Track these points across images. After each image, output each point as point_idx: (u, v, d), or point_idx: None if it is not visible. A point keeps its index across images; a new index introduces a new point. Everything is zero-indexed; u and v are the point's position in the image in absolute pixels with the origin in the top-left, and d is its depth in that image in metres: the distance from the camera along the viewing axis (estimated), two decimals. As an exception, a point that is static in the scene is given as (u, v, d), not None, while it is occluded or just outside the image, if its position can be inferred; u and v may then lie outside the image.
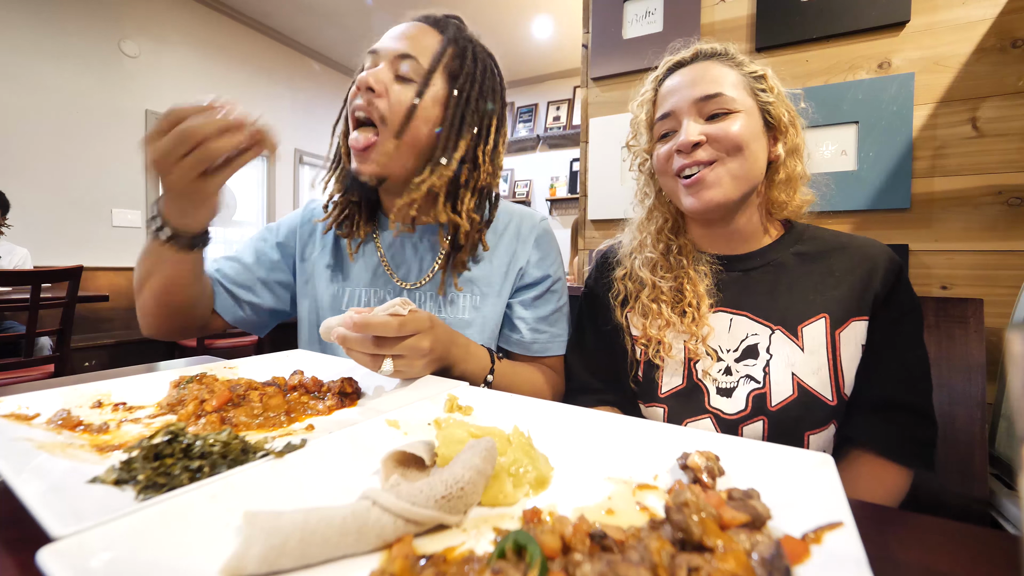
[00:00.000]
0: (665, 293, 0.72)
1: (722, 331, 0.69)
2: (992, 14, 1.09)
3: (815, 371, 0.64)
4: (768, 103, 0.67)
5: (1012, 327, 0.19)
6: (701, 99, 0.66)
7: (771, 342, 0.66)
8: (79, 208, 3.26)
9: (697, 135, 0.65)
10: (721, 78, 0.67)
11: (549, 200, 4.95)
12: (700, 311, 0.69)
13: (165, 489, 0.31)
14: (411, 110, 0.72)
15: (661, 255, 0.74)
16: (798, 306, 0.66)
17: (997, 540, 0.32)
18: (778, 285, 0.69)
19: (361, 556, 0.26)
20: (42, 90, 3.06)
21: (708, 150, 0.65)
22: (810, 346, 0.64)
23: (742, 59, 0.70)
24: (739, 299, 0.70)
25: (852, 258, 0.67)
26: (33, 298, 1.87)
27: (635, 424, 0.44)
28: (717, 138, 0.65)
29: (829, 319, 0.64)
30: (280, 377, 0.58)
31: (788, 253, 0.70)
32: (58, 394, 0.49)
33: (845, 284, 0.65)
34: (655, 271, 0.74)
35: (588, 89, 1.64)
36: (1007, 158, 1.08)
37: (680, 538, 0.26)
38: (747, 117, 0.66)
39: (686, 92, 0.68)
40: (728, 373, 0.68)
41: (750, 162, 0.65)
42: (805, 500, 0.31)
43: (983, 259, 1.09)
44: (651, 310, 0.73)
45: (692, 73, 0.69)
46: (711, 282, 0.71)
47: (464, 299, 0.82)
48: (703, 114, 0.67)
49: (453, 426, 0.39)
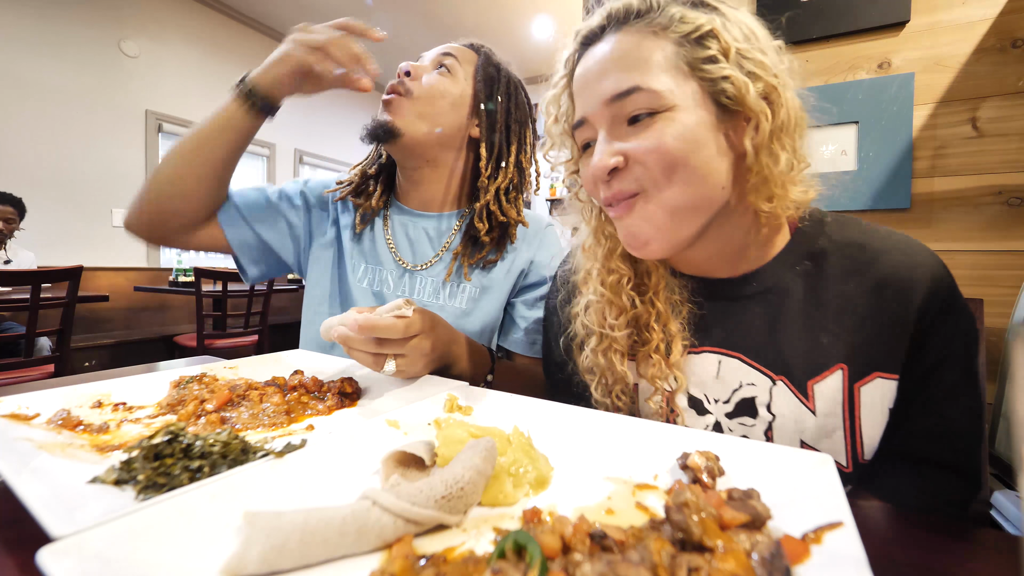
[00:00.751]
0: (619, 342, 0.56)
1: (708, 376, 0.54)
2: (992, 14, 1.09)
3: (828, 435, 0.50)
4: (721, 78, 0.45)
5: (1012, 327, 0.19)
6: (613, 99, 0.47)
7: (772, 397, 0.51)
8: (79, 208, 3.26)
9: (611, 158, 0.47)
10: (640, 59, 0.46)
11: (549, 200, 4.95)
12: (670, 358, 0.53)
13: (165, 489, 0.31)
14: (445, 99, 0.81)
15: (612, 292, 0.56)
16: (807, 351, 0.50)
17: (997, 540, 0.32)
18: (779, 319, 0.51)
19: (361, 556, 0.26)
20: (42, 90, 3.06)
21: (629, 177, 0.47)
22: (823, 408, 0.49)
23: (674, 13, 0.47)
24: (729, 336, 0.54)
25: (880, 285, 0.48)
26: (33, 298, 1.87)
27: (635, 424, 0.44)
28: (638, 158, 0.46)
29: (847, 371, 0.49)
30: (280, 377, 0.58)
31: (793, 273, 0.52)
32: (58, 394, 0.49)
33: (870, 323, 0.48)
34: (603, 317, 0.57)
35: (588, 89, 1.64)
36: (1007, 158, 1.08)
37: (680, 538, 0.26)
38: (683, 114, 0.45)
39: (596, 88, 0.48)
40: (719, 430, 0.53)
41: (695, 182, 0.46)
42: (805, 500, 0.31)
43: (983, 259, 1.10)
44: (598, 365, 0.57)
45: (602, 54, 0.49)
46: (687, 315, 0.55)
47: (464, 290, 0.84)
48: (621, 118, 0.47)
49: (453, 426, 0.39)
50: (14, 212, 2.61)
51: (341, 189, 0.89)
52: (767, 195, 0.47)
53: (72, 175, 3.22)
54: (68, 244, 3.22)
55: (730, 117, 0.47)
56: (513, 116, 0.85)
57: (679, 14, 0.47)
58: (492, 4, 3.96)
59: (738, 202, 0.50)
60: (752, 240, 0.53)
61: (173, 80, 3.75)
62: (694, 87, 0.46)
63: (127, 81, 3.48)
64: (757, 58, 0.46)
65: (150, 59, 3.61)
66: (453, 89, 0.81)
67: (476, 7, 3.99)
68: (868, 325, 0.48)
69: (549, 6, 3.95)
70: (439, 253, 0.85)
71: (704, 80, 0.46)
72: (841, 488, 0.31)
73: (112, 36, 3.41)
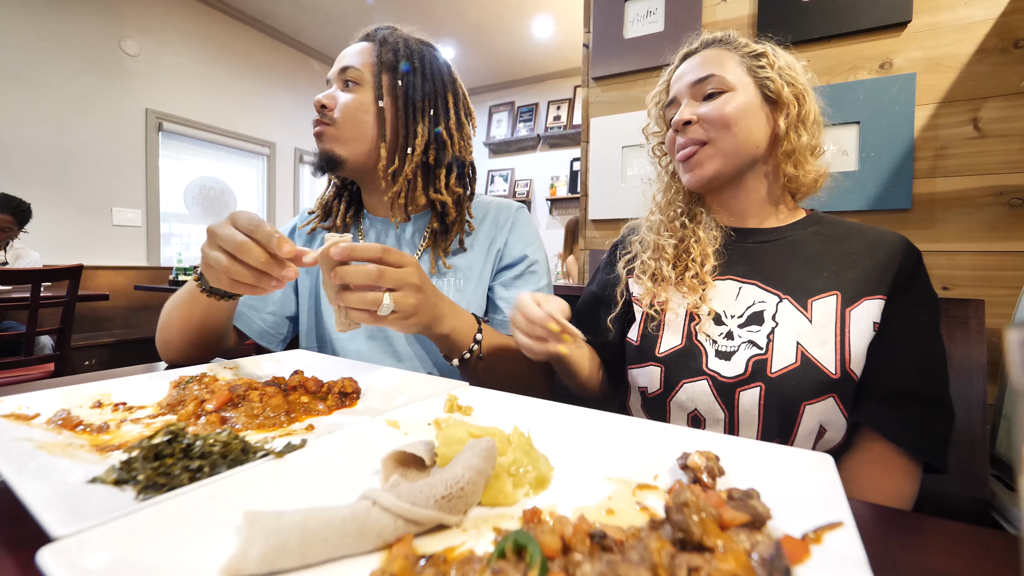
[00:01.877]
0: (667, 251, 0.74)
1: (728, 298, 0.70)
2: (994, 14, 1.09)
3: (821, 343, 0.63)
4: (767, 79, 0.69)
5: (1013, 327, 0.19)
6: (696, 82, 0.71)
7: (778, 310, 0.66)
8: (79, 207, 3.26)
9: (688, 115, 0.70)
10: (718, 61, 0.70)
11: (549, 200, 4.95)
12: (704, 268, 0.70)
13: (165, 489, 0.31)
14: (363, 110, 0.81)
15: (668, 219, 0.77)
16: (810, 280, 0.66)
17: (997, 540, 0.32)
18: (792, 258, 0.69)
19: (361, 556, 0.26)
20: (42, 89, 3.06)
21: (700, 129, 0.70)
22: (818, 319, 0.64)
23: (744, 41, 0.73)
24: (750, 269, 0.70)
25: (871, 243, 0.67)
26: (33, 297, 1.87)
27: (635, 424, 0.44)
28: (707, 118, 0.69)
29: (841, 297, 0.64)
30: (280, 377, 0.58)
31: (807, 231, 0.71)
32: (58, 394, 0.49)
33: (861, 266, 0.65)
34: (659, 232, 0.77)
35: (589, 89, 1.64)
36: (1008, 159, 1.08)
37: (680, 538, 0.26)
38: (740, 94, 0.68)
39: (686, 77, 0.72)
40: (730, 338, 0.67)
41: (742, 137, 0.68)
42: (805, 500, 0.31)
43: (984, 260, 1.09)
44: (650, 267, 0.75)
45: (695, 61, 0.73)
46: (720, 245, 0.73)
47: (448, 283, 0.85)
48: (699, 96, 0.71)
49: (453, 426, 0.39)
50: (12, 220, 2.60)
51: (311, 222, 0.92)
52: (794, 161, 0.70)
53: (72, 173, 3.21)
54: (68, 243, 3.22)
55: (771, 103, 0.70)
56: (420, 91, 0.83)
57: (745, 42, 0.73)
58: (492, 4, 3.96)
59: (770, 163, 0.72)
60: (776, 202, 0.74)
61: (174, 79, 3.75)
62: (748, 80, 0.70)
63: (127, 80, 3.48)
64: (790, 74, 0.70)
65: (150, 58, 3.61)
66: (366, 99, 0.81)
67: (476, 7, 3.99)
68: (860, 266, 0.66)
69: (549, 6, 3.95)
70: (417, 253, 0.86)
71: (756, 78, 0.70)
72: (841, 488, 0.31)
73: (112, 35, 3.40)
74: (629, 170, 1.57)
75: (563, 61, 4.81)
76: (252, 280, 0.55)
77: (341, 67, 0.83)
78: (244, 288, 0.57)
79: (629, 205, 1.52)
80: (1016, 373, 0.18)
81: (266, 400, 0.51)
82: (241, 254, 0.53)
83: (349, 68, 0.82)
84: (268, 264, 0.54)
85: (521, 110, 5.27)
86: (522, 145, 5.19)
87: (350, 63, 0.82)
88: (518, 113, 5.28)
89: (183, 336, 0.73)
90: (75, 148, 3.22)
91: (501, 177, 5.26)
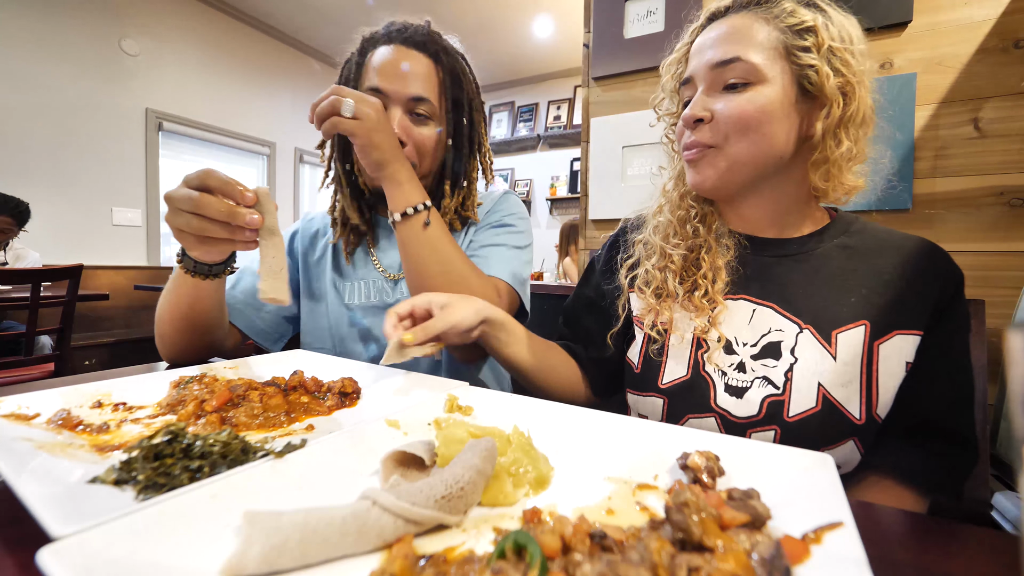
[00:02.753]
0: (675, 262, 0.64)
1: (741, 322, 0.60)
2: (994, 15, 1.09)
3: (844, 384, 0.54)
4: (808, 67, 0.53)
5: (1013, 328, 0.19)
6: (717, 65, 0.56)
7: (797, 343, 0.57)
8: (79, 207, 3.26)
9: (701, 110, 0.57)
10: (748, 36, 0.55)
11: (549, 200, 4.95)
12: (715, 286, 0.60)
13: (165, 489, 0.31)
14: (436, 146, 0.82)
15: (678, 221, 0.66)
16: (835, 307, 0.57)
17: (997, 540, 0.32)
18: (815, 278, 0.59)
19: (361, 556, 0.26)
20: (42, 89, 3.06)
21: (710, 130, 0.57)
22: (843, 356, 0.55)
23: (789, 7, 0.56)
24: (765, 288, 0.60)
25: (906, 261, 0.57)
26: (33, 297, 1.87)
27: (635, 424, 0.44)
28: (723, 117, 0.56)
29: (869, 328, 0.55)
30: (280, 377, 0.58)
31: (831, 245, 0.60)
32: (58, 394, 0.49)
33: (894, 290, 0.56)
34: (667, 238, 0.66)
35: (589, 89, 1.64)
36: (1009, 159, 1.08)
37: (680, 538, 0.26)
38: (769, 89, 0.54)
39: (707, 54, 0.58)
40: (741, 370, 0.58)
41: (761, 145, 0.55)
42: (805, 500, 0.31)
43: (984, 260, 1.09)
44: (655, 278, 0.65)
45: (719, 29, 0.58)
46: (733, 258, 0.62)
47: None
48: (718, 84, 0.57)
49: (453, 426, 0.39)
50: (11, 221, 2.59)
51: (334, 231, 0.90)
52: (824, 174, 0.57)
53: (72, 174, 3.21)
54: (68, 242, 3.22)
55: (808, 100, 0.56)
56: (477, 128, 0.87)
57: (790, 8, 0.56)
58: (492, 4, 3.95)
59: (796, 172, 0.59)
60: (799, 210, 0.62)
61: (174, 79, 3.75)
62: (784, 67, 0.55)
63: (127, 79, 3.47)
64: (844, 57, 0.53)
65: (150, 58, 3.60)
66: (440, 135, 0.83)
67: (476, 7, 3.99)
68: (893, 290, 0.56)
69: (549, 5, 3.95)
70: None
71: (794, 64, 0.55)
72: (841, 488, 0.31)
73: (112, 34, 3.40)
74: (629, 170, 1.57)
75: (563, 61, 4.80)
76: (224, 233, 0.55)
77: (413, 96, 0.78)
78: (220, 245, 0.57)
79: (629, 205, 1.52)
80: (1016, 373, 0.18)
81: (266, 400, 0.51)
82: (201, 209, 0.54)
83: (424, 101, 0.78)
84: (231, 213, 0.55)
85: (521, 110, 5.27)
86: (522, 145, 5.19)
87: (422, 93, 0.78)
88: (518, 113, 5.28)
89: (174, 325, 0.72)
90: (75, 148, 3.21)
91: (501, 177, 5.26)
